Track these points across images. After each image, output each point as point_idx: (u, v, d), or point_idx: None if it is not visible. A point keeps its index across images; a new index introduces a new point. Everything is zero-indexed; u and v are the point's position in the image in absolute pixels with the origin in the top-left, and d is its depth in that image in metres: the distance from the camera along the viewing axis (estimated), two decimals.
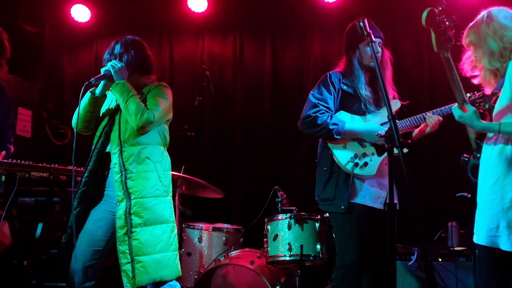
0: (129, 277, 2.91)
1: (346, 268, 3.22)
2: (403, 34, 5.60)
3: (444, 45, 2.57)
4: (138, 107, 2.99)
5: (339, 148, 3.34)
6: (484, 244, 2.60)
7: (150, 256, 2.96)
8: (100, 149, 3.13)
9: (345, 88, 3.41)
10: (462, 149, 2.91)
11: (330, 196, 3.31)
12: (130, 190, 2.97)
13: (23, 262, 3.94)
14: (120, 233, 2.96)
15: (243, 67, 6.06)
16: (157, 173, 3.09)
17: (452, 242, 4.24)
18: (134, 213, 2.96)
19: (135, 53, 3.17)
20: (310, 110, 3.34)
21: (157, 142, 3.16)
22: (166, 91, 3.22)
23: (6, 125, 3.44)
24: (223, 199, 4.90)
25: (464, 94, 2.66)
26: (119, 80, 3.05)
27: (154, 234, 3.01)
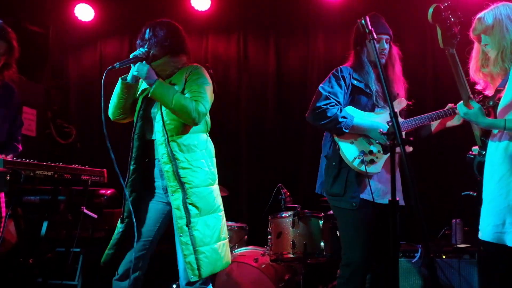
0: (193, 268, 2.86)
1: (354, 266, 3.19)
2: (407, 32, 5.59)
3: (449, 41, 2.57)
4: (186, 103, 2.89)
5: (347, 144, 3.29)
6: (490, 241, 2.59)
7: (210, 246, 2.92)
8: (139, 134, 3.04)
9: (356, 83, 3.37)
10: (467, 147, 2.91)
11: (340, 192, 3.26)
12: (183, 180, 2.91)
13: (28, 260, 3.95)
14: (180, 224, 2.90)
15: (247, 66, 6.07)
16: (205, 161, 3.06)
17: (456, 239, 4.24)
18: (191, 204, 2.91)
19: (164, 33, 3.06)
20: (321, 102, 3.28)
21: (201, 130, 3.12)
22: (204, 73, 3.11)
23: (15, 125, 3.46)
24: (227, 197, 4.89)
25: (469, 91, 2.66)
26: (151, 84, 2.91)
27: (210, 223, 2.96)
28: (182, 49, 3.14)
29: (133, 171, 3.03)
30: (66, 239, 4.53)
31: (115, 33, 6.28)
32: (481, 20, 2.70)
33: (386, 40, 3.40)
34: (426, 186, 5.05)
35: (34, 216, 4.21)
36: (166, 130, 2.94)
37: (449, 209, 4.60)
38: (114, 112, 3.11)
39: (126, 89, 3.03)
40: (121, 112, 3.11)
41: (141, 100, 3.08)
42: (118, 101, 3.06)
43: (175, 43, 3.10)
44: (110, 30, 6.28)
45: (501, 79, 2.69)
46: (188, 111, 2.89)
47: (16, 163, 3.04)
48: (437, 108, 3.40)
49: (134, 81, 3.02)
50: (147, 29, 3.09)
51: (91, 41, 6.47)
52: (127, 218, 3.01)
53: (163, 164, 2.95)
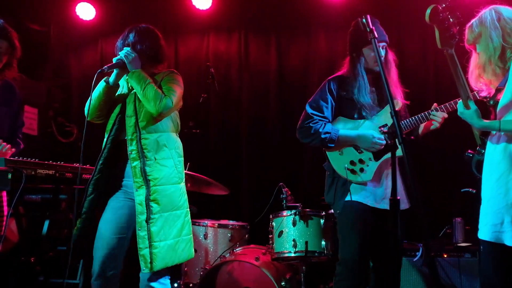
0: (146, 261, 2.98)
1: (345, 263, 3.28)
2: (408, 32, 5.59)
3: (448, 41, 2.57)
4: (156, 93, 3.04)
5: (335, 155, 3.41)
6: (489, 240, 2.60)
7: (165, 242, 3.04)
8: (114, 137, 3.16)
9: (344, 94, 3.44)
10: (467, 145, 2.91)
11: (331, 200, 3.44)
12: (149, 177, 3.02)
13: (30, 259, 3.96)
14: (140, 219, 3.01)
15: (248, 65, 6.06)
16: (173, 160, 3.14)
17: (457, 238, 4.24)
18: (153, 200, 3.02)
19: (149, 43, 3.21)
20: (304, 121, 3.45)
21: (171, 129, 3.21)
22: (178, 77, 3.26)
23: (16, 123, 3.47)
24: (228, 196, 4.92)
25: (468, 91, 2.67)
26: (133, 69, 3.10)
27: (170, 220, 3.08)
28: (161, 58, 3.31)
29: (99, 171, 3.14)
30: (67, 237, 4.53)
31: (116, 32, 6.19)
32: (470, 29, 2.73)
33: (383, 47, 3.41)
34: (427, 185, 5.05)
35: (36, 215, 4.21)
36: (138, 127, 3.06)
37: (450, 208, 4.60)
38: (92, 113, 3.21)
39: (107, 92, 3.17)
40: (99, 114, 3.23)
41: (121, 104, 3.21)
42: (98, 103, 3.18)
43: (156, 52, 3.26)
44: (111, 28, 6.27)
45: (498, 74, 2.70)
46: (154, 100, 3.01)
47: (17, 162, 3.05)
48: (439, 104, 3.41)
49: (115, 84, 3.18)
50: (131, 33, 3.24)
51: (92, 40, 6.47)
52: (84, 214, 3.12)
53: (131, 160, 3.05)
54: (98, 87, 3.18)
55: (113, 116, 3.21)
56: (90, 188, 3.12)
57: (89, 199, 3.12)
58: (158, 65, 3.30)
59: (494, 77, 2.67)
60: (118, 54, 3.18)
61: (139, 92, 3.07)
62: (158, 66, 3.31)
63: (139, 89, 3.07)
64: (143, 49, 3.18)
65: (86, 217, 3.11)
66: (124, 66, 3.12)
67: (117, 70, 3.15)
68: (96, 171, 3.13)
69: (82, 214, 3.12)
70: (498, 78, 2.68)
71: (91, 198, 3.12)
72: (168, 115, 3.15)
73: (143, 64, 3.18)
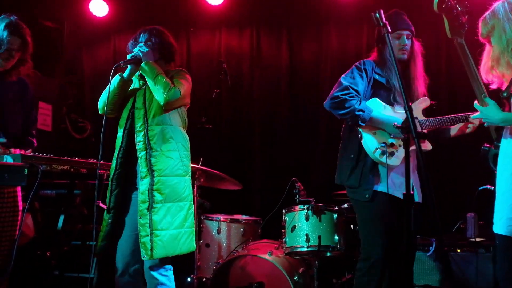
0: (147, 249, 3.04)
1: (373, 260, 3.22)
2: (420, 25, 5.49)
3: (457, 30, 2.56)
4: (166, 82, 3.13)
5: (370, 134, 3.34)
6: (504, 234, 2.58)
7: (167, 231, 3.09)
8: (129, 130, 3.24)
9: (377, 77, 3.41)
10: (483, 139, 2.89)
11: (355, 184, 3.33)
12: (154, 168, 3.09)
13: (46, 253, 4.01)
14: (142, 207, 3.07)
15: (260, 61, 6.06)
16: (179, 152, 3.21)
17: (471, 233, 4.22)
18: (157, 190, 3.08)
19: (159, 40, 3.30)
20: (340, 92, 3.32)
21: (179, 124, 3.28)
22: (186, 75, 3.35)
23: (29, 120, 3.50)
24: (241, 191, 4.93)
25: (482, 86, 2.64)
26: (147, 58, 3.19)
27: (173, 211, 3.14)
28: (172, 57, 3.40)
29: (120, 165, 3.24)
30: (82, 232, 4.58)
31: (128, 28, 6.29)
32: (484, 22, 2.70)
33: (407, 36, 3.41)
34: (441, 179, 5.02)
35: (51, 210, 4.26)
36: (146, 119, 3.15)
37: (464, 203, 4.57)
38: (106, 107, 3.26)
39: (122, 86, 3.26)
40: (112, 107, 3.31)
41: (133, 98, 3.30)
42: (113, 97, 3.26)
43: (166, 51, 3.35)
44: (124, 25, 6.31)
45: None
46: (164, 88, 3.10)
47: (33, 157, 3.08)
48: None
49: (129, 78, 3.26)
50: (142, 34, 3.33)
51: (105, 36, 6.51)
52: (113, 209, 3.21)
53: (138, 150, 3.14)
54: (113, 81, 3.25)
55: (125, 111, 3.30)
56: (114, 183, 3.23)
57: (115, 194, 3.22)
58: (169, 63, 3.39)
59: (508, 70, 2.64)
60: (131, 52, 3.26)
61: (150, 81, 3.15)
62: (170, 64, 3.39)
63: (151, 76, 3.15)
64: (154, 46, 3.27)
65: (115, 212, 3.22)
66: (138, 62, 3.20)
67: (132, 65, 3.23)
68: (117, 166, 3.23)
69: (110, 209, 3.22)
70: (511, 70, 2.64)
71: (116, 192, 3.22)
72: (176, 105, 3.22)
73: (155, 59, 3.26)
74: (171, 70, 3.36)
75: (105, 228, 3.22)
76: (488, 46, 2.74)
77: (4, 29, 3.18)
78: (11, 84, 3.35)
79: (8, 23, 3.21)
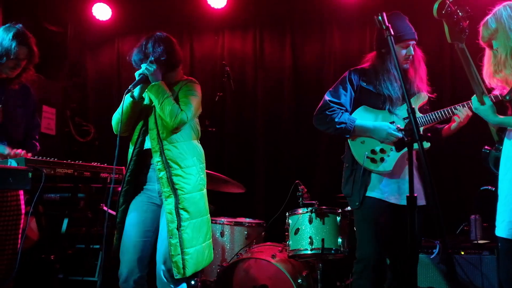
0: (179, 268, 3.06)
1: (364, 261, 3.26)
2: (424, 27, 5.53)
3: (458, 36, 2.56)
4: (173, 109, 3.11)
5: (357, 143, 3.38)
6: (506, 237, 2.58)
7: (195, 247, 3.14)
8: (139, 149, 3.26)
9: (365, 85, 3.42)
10: (485, 142, 2.89)
11: (349, 193, 3.39)
12: (176, 187, 3.12)
13: (50, 257, 4.01)
14: (171, 227, 3.09)
15: (263, 63, 6.08)
16: (196, 167, 3.23)
17: (475, 235, 4.21)
18: (183, 208, 3.11)
19: (164, 49, 3.24)
20: (321, 108, 3.43)
21: (192, 137, 3.29)
22: (196, 87, 3.33)
23: (32, 124, 3.51)
24: (244, 194, 4.93)
25: (482, 86, 2.65)
26: (154, 82, 3.17)
27: (198, 226, 3.18)
28: (177, 63, 3.36)
29: (127, 182, 3.26)
30: (86, 235, 4.59)
31: (132, 31, 6.32)
32: (486, 26, 2.69)
33: (413, 45, 3.38)
34: (444, 182, 5.01)
35: (55, 214, 4.27)
36: (160, 139, 3.16)
37: (468, 205, 4.57)
38: (120, 128, 3.22)
39: (134, 107, 3.24)
40: (126, 128, 3.31)
41: (144, 117, 3.29)
42: (127, 119, 3.25)
43: (173, 59, 3.30)
44: (127, 28, 6.33)
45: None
46: (170, 115, 3.10)
47: (37, 161, 3.09)
48: (454, 102, 3.39)
49: (140, 98, 3.24)
50: (147, 43, 3.27)
51: (109, 40, 6.54)
52: (119, 224, 3.26)
53: (157, 170, 3.15)
54: (125, 103, 3.23)
55: (137, 129, 3.30)
56: (121, 199, 3.26)
57: (121, 210, 3.26)
58: (175, 70, 3.36)
59: None
60: (136, 66, 3.25)
61: (157, 106, 3.15)
62: (177, 71, 3.37)
63: (157, 102, 3.15)
64: (159, 56, 3.22)
65: (121, 227, 3.26)
66: (147, 79, 3.18)
67: (141, 85, 3.22)
68: (124, 182, 3.25)
69: (117, 224, 3.26)
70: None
71: (123, 208, 3.26)
72: (185, 125, 3.20)
73: (162, 72, 3.23)
74: (179, 82, 3.32)
75: (116, 243, 3.26)
76: (488, 51, 2.73)
77: (12, 39, 3.21)
78: (14, 91, 3.37)
79: (16, 33, 3.23)
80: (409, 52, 3.36)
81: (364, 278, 3.24)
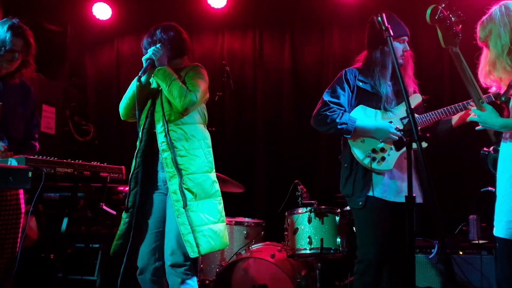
0: (192, 246, 3.02)
1: (367, 262, 3.26)
2: (424, 28, 5.55)
3: (451, 40, 2.58)
4: (181, 90, 3.11)
5: (357, 143, 3.38)
6: (504, 237, 2.59)
7: (207, 225, 3.09)
8: (148, 129, 3.24)
9: (361, 85, 3.43)
10: (484, 142, 2.89)
11: (349, 192, 3.39)
12: (181, 167, 3.09)
13: (49, 256, 4.03)
14: (177, 206, 3.07)
15: (262, 63, 6.08)
16: (202, 150, 3.21)
17: (473, 235, 4.23)
18: (187, 189, 3.09)
19: (172, 35, 3.29)
20: (321, 109, 3.43)
21: (199, 121, 3.29)
22: (202, 71, 3.33)
23: (31, 124, 3.51)
24: (244, 193, 4.94)
25: (479, 91, 2.66)
26: (160, 66, 3.18)
27: (205, 207, 3.13)
28: (185, 51, 3.38)
29: (138, 164, 3.23)
30: (85, 235, 4.60)
31: (132, 31, 6.33)
32: (482, 26, 2.70)
33: (407, 41, 3.42)
34: (443, 182, 5.02)
35: (55, 213, 4.28)
36: (166, 120, 3.15)
37: (466, 205, 4.58)
38: (127, 113, 3.32)
39: (141, 91, 3.24)
40: (133, 113, 3.29)
41: (152, 99, 3.30)
42: (133, 103, 3.25)
43: (180, 45, 3.34)
44: (127, 28, 6.34)
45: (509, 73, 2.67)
46: (179, 96, 3.09)
47: (37, 160, 3.10)
48: (452, 102, 3.40)
49: (147, 82, 3.25)
50: (156, 30, 3.32)
51: (108, 39, 6.54)
52: (131, 208, 3.20)
53: (161, 151, 3.14)
54: (131, 87, 3.26)
55: (145, 111, 3.30)
56: (132, 182, 3.23)
57: (133, 193, 3.22)
58: (182, 57, 3.37)
59: (505, 74, 2.64)
60: (146, 52, 3.26)
61: (165, 89, 3.15)
62: (184, 58, 3.38)
63: (164, 86, 3.15)
64: (167, 42, 3.27)
65: (134, 211, 3.21)
66: (154, 65, 3.20)
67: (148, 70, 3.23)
68: (136, 164, 3.23)
69: (128, 208, 3.22)
70: (509, 74, 2.64)
71: (135, 191, 3.22)
72: (194, 109, 3.22)
73: (168, 58, 3.26)
74: (185, 67, 3.34)
75: (122, 227, 3.22)
76: (486, 50, 2.75)
77: (7, 31, 3.20)
78: (14, 88, 3.36)
79: (11, 25, 3.23)
80: (406, 48, 3.40)
81: (366, 278, 3.25)
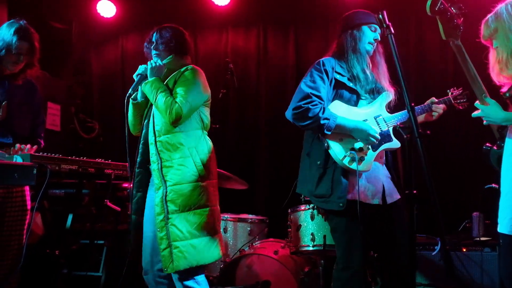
0: (167, 261, 3.01)
1: (353, 269, 3.02)
2: (427, 24, 5.55)
3: (452, 32, 2.56)
4: (167, 103, 3.05)
5: (336, 142, 3.09)
6: (508, 233, 2.58)
7: (186, 241, 3.03)
8: (144, 141, 3.25)
9: (338, 77, 3.17)
10: (488, 139, 2.88)
11: (326, 193, 3.06)
12: (166, 178, 3.07)
13: (54, 252, 4.05)
14: (158, 219, 3.07)
15: (266, 60, 6.09)
16: (192, 158, 3.12)
17: (477, 232, 4.22)
18: (170, 200, 3.05)
19: (170, 35, 3.29)
20: (301, 101, 3.09)
21: (195, 127, 3.21)
22: (195, 75, 3.22)
23: (37, 121, 3.54)
24: (247, 190, 4.96)
25: (482, 86, 2.64)
26: (151, 78, 3.15)
27: (190, 220, 3.06)
28: (185, 50, 3.38)
29: (137, 174, 3.26)
30: (90, 231, 4.63)
31: (136, 28, 6.35)
32: (486, 24, 2.67)
33: (380, 34, 3.25)
34: (446, 179, 5.02)
35: (60, 209, 4.31)
36: (154, 131, 3.15)
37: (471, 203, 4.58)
38: (134, 129, 3.37)
39: (138, 107, 3.30)
40: (139, 127, 3.34)
41: (147, 110, 3.32)
42: (135, 119, 3.32)
43: (180, 44, 3.33)
44: (132, 25, 6.37)
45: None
46: (165, 110, 3.06)
47: (42, 157, 3.12)
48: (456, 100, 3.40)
49: (143, 99, 3.28)
50: (154, 33, 3.33)
51: (113, 37, 6.57)
52: (134, 215, 3.25)
53: (152, 162, 3.15)
54: (129, 107, 3.29)
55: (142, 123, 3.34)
56: (134, 190, 3.26)
57: (135, 201, 3.25)
58: (182, 57, 3.35)
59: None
60: (149, 55, 3.29)
61: (153, 103, 3.16)
62: (184, 58, 3.36)
63: (151, 99, 3.15)
64: (165, 41, 3.27)
65: (135, 218, 3.25)
66: (145, 79, 3.18)
67: (141, 85, 3.21)
68: (135, 174, 3.26)
69: (132, 215, 3.26)
70: None
71: (136, 199, 3.25)
72: (185, 120, 3.13)
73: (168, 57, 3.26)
74: (180, 70, 3.25)
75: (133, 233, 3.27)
76: (491, 49, 2.73)
77: (14, 34, 3.24)
78: (19, 87, 3.40)
79: (18, 28, 3.27)
80: (376, 37, 3.22)
81: (351, 286, 3.02)
